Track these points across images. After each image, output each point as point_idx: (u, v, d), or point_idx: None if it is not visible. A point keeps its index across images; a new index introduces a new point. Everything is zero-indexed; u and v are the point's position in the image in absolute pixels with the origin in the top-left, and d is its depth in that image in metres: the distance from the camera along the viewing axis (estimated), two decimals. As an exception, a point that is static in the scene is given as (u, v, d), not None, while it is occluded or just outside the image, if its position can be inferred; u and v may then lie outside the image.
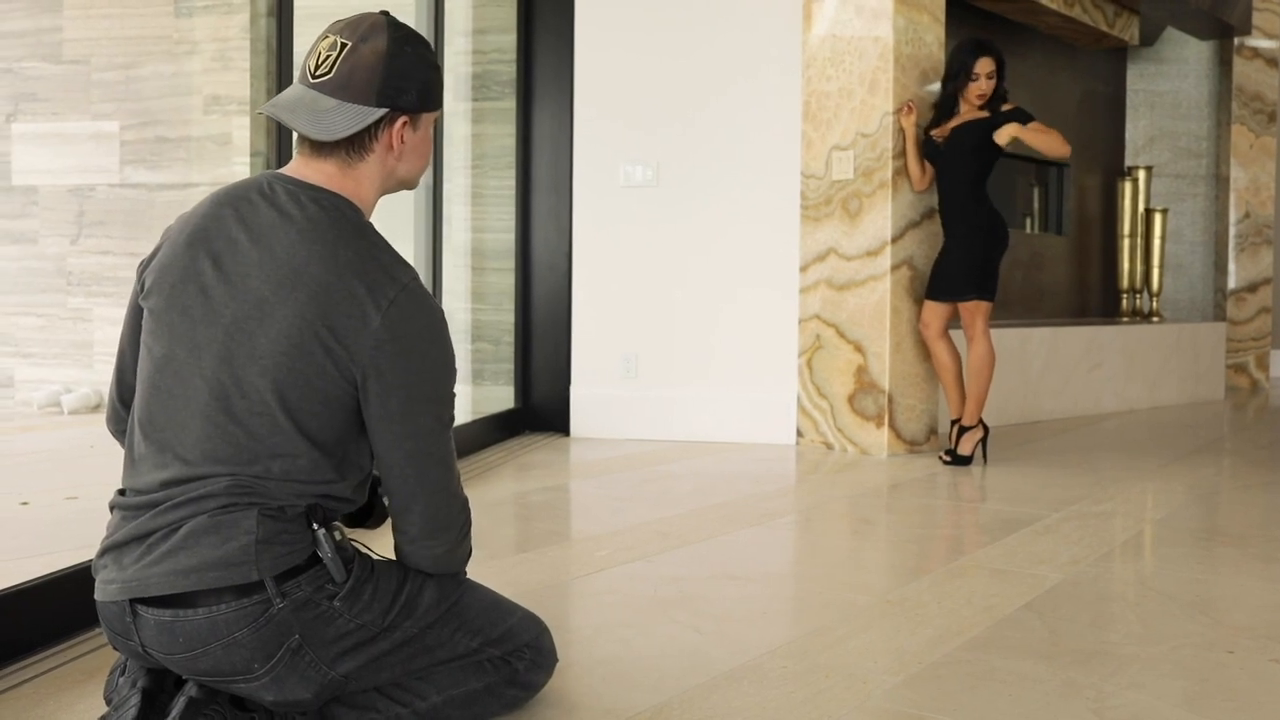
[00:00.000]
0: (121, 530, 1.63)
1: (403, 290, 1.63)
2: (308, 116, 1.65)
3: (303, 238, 1.63)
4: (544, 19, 5.31)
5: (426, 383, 1.66)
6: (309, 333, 1.60)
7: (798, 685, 2.07)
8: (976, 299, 4.55)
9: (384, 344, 1.61)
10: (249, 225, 1.65)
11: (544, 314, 5.34)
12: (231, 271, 1.63)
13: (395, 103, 1.68)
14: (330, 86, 1.65)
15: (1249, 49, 7.90)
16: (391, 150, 1.72)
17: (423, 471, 1.68)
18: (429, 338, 1.66)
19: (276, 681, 1.62)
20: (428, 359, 1.66)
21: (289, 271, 1.61)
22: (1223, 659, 2.25)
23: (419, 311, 1.65)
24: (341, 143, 1.67)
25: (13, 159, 5.44)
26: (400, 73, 1.67)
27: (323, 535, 1.63)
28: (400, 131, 1.71)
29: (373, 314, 1.60)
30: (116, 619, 1.63)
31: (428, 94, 1.73)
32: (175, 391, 1.64)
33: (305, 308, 1.60)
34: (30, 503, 3.53)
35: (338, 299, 1.60)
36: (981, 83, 4.55)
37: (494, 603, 1.86)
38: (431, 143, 1.81)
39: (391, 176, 1.76)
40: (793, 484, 4.26)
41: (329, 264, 1.61)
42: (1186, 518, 3.64)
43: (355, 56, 1.65)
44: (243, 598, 1.57)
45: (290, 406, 1.61)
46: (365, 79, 1.65)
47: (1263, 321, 8.07)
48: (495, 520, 3.64)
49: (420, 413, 1.66)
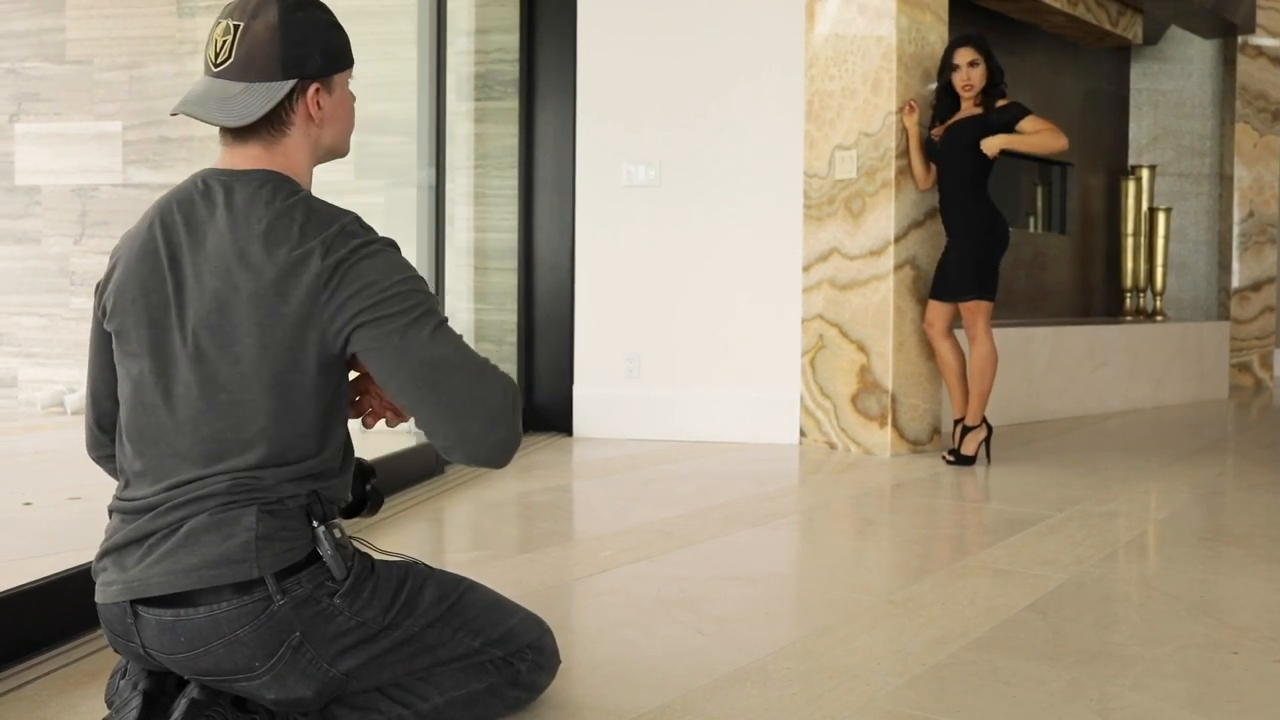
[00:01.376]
0: (121, 533, 1.63)
1: (339, 232, 1.60)
2: (218, 106, 1.62)
3: (241, 222, 1.61)
4: (546, 19, 5.31)
5: (389, 287, 1.59)
6: (266, 308, 1.58)
7: (801, 686, 2.07)
8: (976, 299, 4.55)
9: (333, 277, 1.57)
10: (191, 226, 1.64)
11: (546, 314, 5.34)
12: (186, 274, 1.62)
13: (302, 71, 1.65)
14: (233, 72, 1.63)
15: (1253, 47, 7.89)
16: (312, 120, 1.68)
17: (427, 359, 1.59)
18: (375, 253, 1.60)
19: (278, 680, 1.61)
20: (379, 271, 1.59)
21: (235, 258, 1.59)
22: (1227, 660, 2.24)
23: (359, 239, 1.61)
24: (259, 124, 1.64)
25: (16, 159, 5.45)
26: (298, 40, 1.64)
27: (322, 533, 1.63)
28: (315, 99, 1.67)
29: (314, 261, 1.57)
30: (117, 621, 1.63)
31: (332, 54, 1.69)
32: (159, 403, 1.63)
33: (257, 285, 1.58)
34: (33, 503, 3.53)
35: (282, 265, 1.58)
36: (963, 73, 4.55)
37: (495, 603, 1.85)
38: (351, 103, 1.76)
39: (319, 146, 1.72)
40: (796, 484, 4.26)
41: (268, 238, 1.59)
42: (1190, 518, 3.63)
43: (250, 35, 1.62)
44: (243, 595, 1.57)
45: (269, 385, 1.59)
46: (265, 55, 1.62)
47: (1266, 320, 8.06)
48: (498, 520, 3.63)
49: (396, 313, 1.58)
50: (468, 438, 1.61)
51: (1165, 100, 7.94)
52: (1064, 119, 7.03)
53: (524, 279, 5.35)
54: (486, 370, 1.63)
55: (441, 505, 3.75)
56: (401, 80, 4.50)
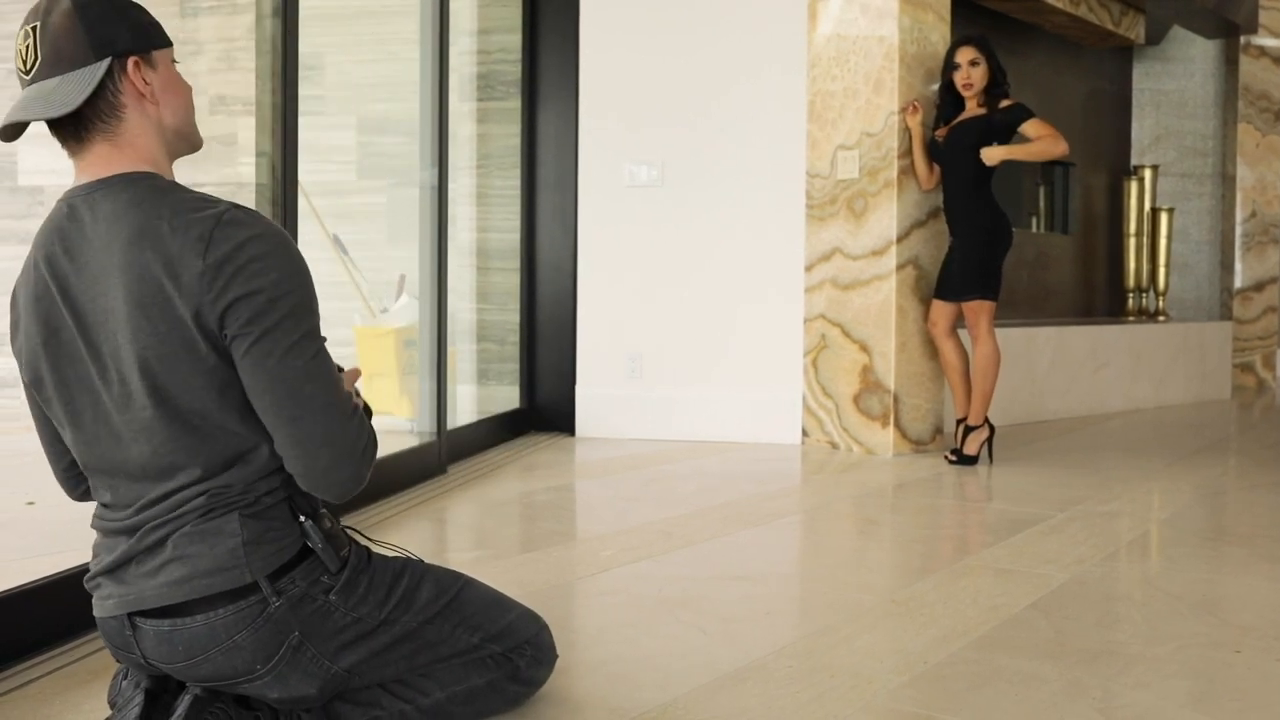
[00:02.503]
0: (109, 556, 1.62)
1: (217, 224, 1.52)
2: (39, 105, 1.56)
3: (112, 234, 1.55)
4: (549, 19, 5.31)
5: (275, 298, 1.53)
6: (153, 315, 1.52)
7: (803, 685, 2.07)
8: (978, 299, 4.55)
9: (216, 279, 1.50)
10: (71, 253, 1.58)
11: (549, 314, 5.34)
12: (80, 303, 1.57)
13: (114, 48, 1.57)
14: (45, 70, 1.56)
15: (1255, 48, 7.88)
16: (144, 97, 1.61)
17: (294, 390, 1.55)
18: (262, 253, 1.53)
19: (280, 680, 1.62)
20: (264, 275, 1.53)
21: (119, 270, 1.54)
22: (1229, 659, 2.24)
23: (239, 235, 1.52)
24: (91, 115, 1.56)
25: (19, 159, 5.45)
26: (100, 19, 1.57)
27: (310, 526, 1.63)
28: (138, 74, 1.59)
29: (195, 262, 1.50)
30: (116, 633, 1.64)
31: (141, 29, 1.61)
32: (99, 434, 1.61)
33: (139, 292, 1.52)
34: (36, 503, 3.53)
35: (160, 268, 1.51)
36: (964, 71, 4.55)
37: (492, 599, 1.86)
38: (182, 83, 1.67)
39: (163, 128, 1.63)
40: (798, 484, 4.26)
41: (140, 242, 1.53)
42: (1193, 517, 3.63)
43: (49, 31, 1.56)
44: (238, 600, 1.58)
45: (182, 393, 1.55)
46: (71, 42, 1.56)
47: (1269, 321, 8.05)
48: (500, 520, 3.64)
49: (275, 329, 1.53)
50: (313, 471, 1.59)
51: (1167, 100, 7.94)
52: (1066, 119, 7.03)
53: (526, 279, 5.35)
54: (347, 412, 1.61)
55: (443, 505, 3.75)
56: (403, 80, 4.50)
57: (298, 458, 1.59)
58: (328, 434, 1.58)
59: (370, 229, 4.96)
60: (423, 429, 4.32)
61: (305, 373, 1.56)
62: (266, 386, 1.55)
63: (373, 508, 3.60)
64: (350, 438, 1.61)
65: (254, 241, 1.54)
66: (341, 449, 1.60)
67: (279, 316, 1.54)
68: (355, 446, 1.62)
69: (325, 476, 1.60)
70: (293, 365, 1.55)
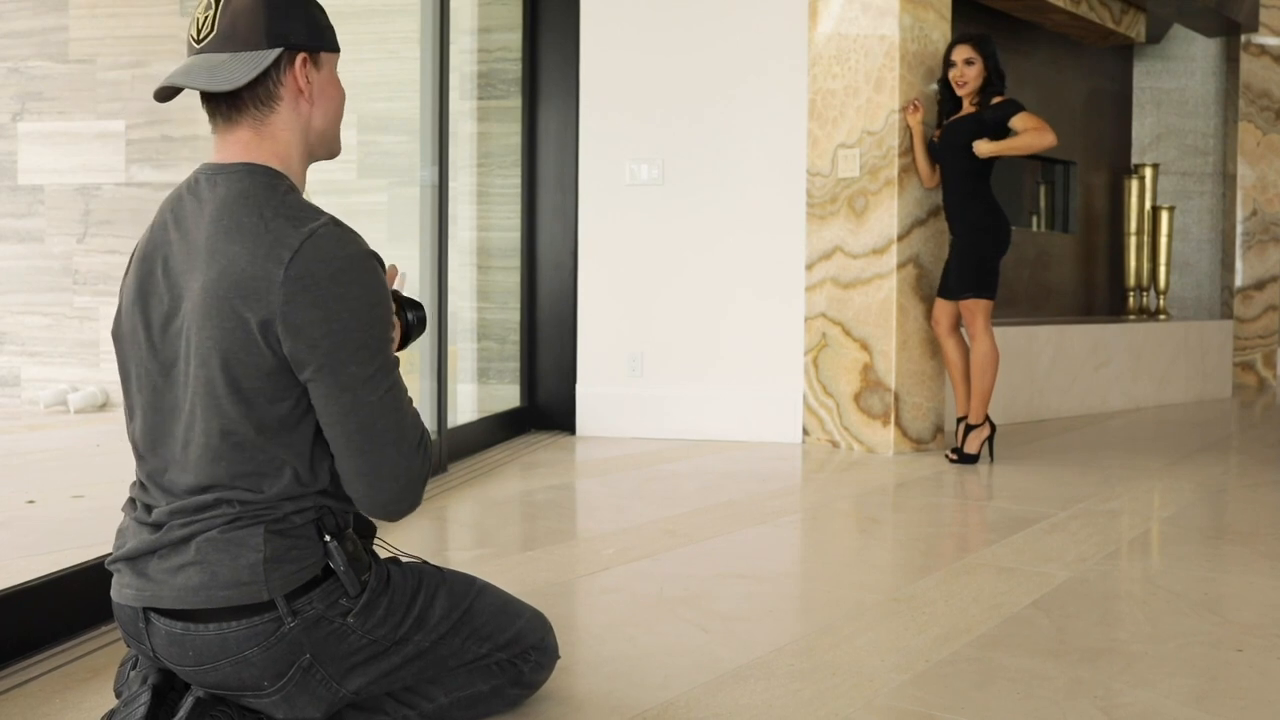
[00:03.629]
0: (132, 543, 1.61)
1: (309, 237, 1.53)
2: (204, 75, 1.58)
3: (214, 217, 1.56)
4: (549, 17, 5.31)
5: (350, 329, 1.53)
6: (226, 309, 1.52)
7: (804, 683, 2.07)
8: (975, 297, 4.55)
9: (294, 297, 1.50)
10: (180, 224, 1.60)
11: (549, 312, 5.34)
12: (175, 275, 1.59)
13: (287, 40, 1.60)
14: (217, 43, 1.59)
15: (1256, 46, 7.88)
16: (301, 94, 1.63)
17: (366, 424, 1.56)
18: (342, 280, 1.53)
19: (287, 700, 1.61)
20: (344, 302, 1.52)
21: (206, 255, 1.55)
22: (1231, 657, 2.24)
23: (327, 256, 1.53)
24: (248, 98, 1.60)
25: (19, 158, 5.45)
26: (282, 9, 1.60)
27: (334, 547, 1.61)
28: (303, 71, 1.62)
29: (275, 270, 1.50)
30: (130, 623, 1.63)
31: (317, 28, 1.65)
32: (160, 408, 1.61)
33: (218, 284, 1.53)
34: (36, 501, 3.54)
35: (243, 265, 1.52)
36: (960, 69, 4.56)
37: (503, 606, 1.84)
38: (341, 88, 1.71)
39: (310, 129, 1.66)
40: (799, 482, 4.26)
41: (233, 234, 1.54)
42: (1194, 516, 3.63)
43: (232, 7, 1.59)
44: (253, 616, 1.56)
45: (236, 391, 1.54)
46: (248, 24, 1.58)
47: (1270, 319, 8.05)
48: (501, 518, 3.63)
49: (350, 362, 1.54)
50: (374, 501, 1.62)
51: (1168, 99, 7.94)
52: (1067, 118, 7.03)
53: (527, 277, 5.35)
54: (415, 445, 1.62)
55: (445, 504, 3.75)
56: (404, 79, 4.49)
57: (362, 488, 1.61)
58: (394, 468, 1.60)
59: (371, 228, 4.96)
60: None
61: (380, 408, 1.57)
62: (338, 417, 1.56)
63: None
64: (415, 470, 1.63)
65: (341, 263, 1.54)
66: (406, 482, 1.62)
67: (353, 347, 1.54)
68: (419, 478, 1.64)
69: (386, 507, 1.63)
70: (367, 400, 1.56)
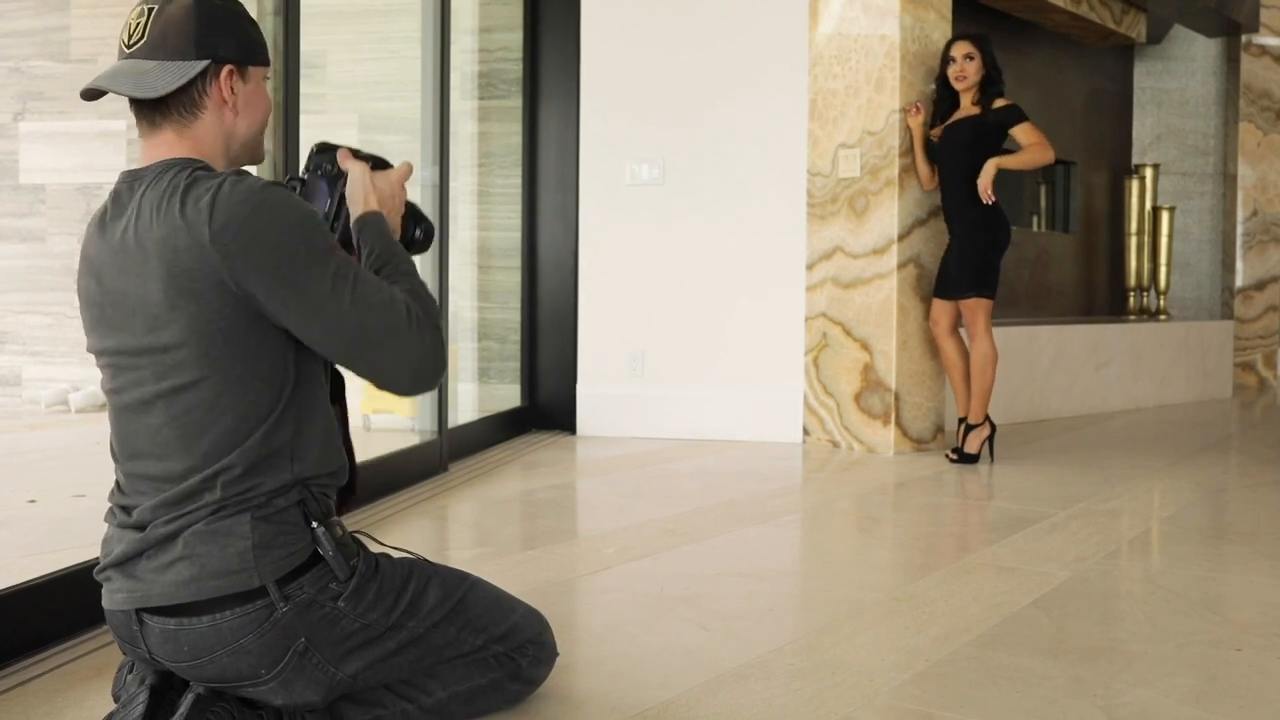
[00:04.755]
0: (119, 548, 1.62)
1: (215, 193, 1.55)
2: (130, 81, 1.61)
3: (140, 216, 1.59)
4: (550, 17, 5.31)
5: (290, 252, 1.56)
6: (177, 292, 1.55)
7: (804, 682, 2.07)
8: (975, 297, 4.55)
9: (227, 250, 1.53)
10: (107, 234, 1.63)
11: (550, 312, 5.34)
12: (108, 279, 1.61)
13: (215, 53, 1.63)
14: (146, 50, 1.62)
15: (1256, 46, 7.88)
16: (226, 104, 1.66)
17: (357, 329, 1.59)
18: (261, 213, 1.55)
19: (284, 685, 1.62)
20: (272, 231, 1.55)
21: (152, 250, 1.57)
22: (1230, 656, 2.24)
23: (236, 198, 1.55)
24: (172, 104, 1.63)
25: (20, 158, 5.45)
26: (213, 23, 1.64)
27: (322, 533, 1.63)
28: (229, 82, 1.65)
29: (202, 231, 1.53)
30: (123, 626, 1.64)
31: (247, 44, 1.68)
32: (125, 411, 1.64)
33: (163, 271, 1.55)
34: (38, 500, 3.54)
35: (178, 243, 1.54)
36: (958, 65, 4.56)
37: (497, 600, 1.85)
38: (267, 100, 1.74)
39: (233, 137, 1.69)
40: (799, 482, 4.26)
41: (160, 221, 1.56)
42: (1194, 516, 3.63)
43: (164, 16, 1.62)
44: (246, 604, 1.57)
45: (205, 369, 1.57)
46: (179, 34, 1.62)
47: (1270, 319, 8.05)
48: (502, 518, 3.64)
49: (307, 283, 1.56)
50: (402, 388, 1.68)
51: (1169, 99, 7.94)
52: (1067, 118, 7.04)
53: (528, 277, 5.35)
54: (408, 323, 1.63)
55: (444, 503, 3.75)
56: (405, 79, 4.50)
57: (387, 383, 1.66)
58: (402, 355, 1.63)
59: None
60: (424, 427, 4.33)
61: (355, 311, 1.60)
62: (324, 336, 1.60)
63: (374, 506, 3.61)
64: (425, 346, 1.65)
65: (251, 201, 1.56)
66: (419, 360, 1.65)
67: (301, 266, 1.56)
68: (430, 348, 1.66)
69: (413, 387, 1.67)
70: (339, 310, 1.59)
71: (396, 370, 1.64)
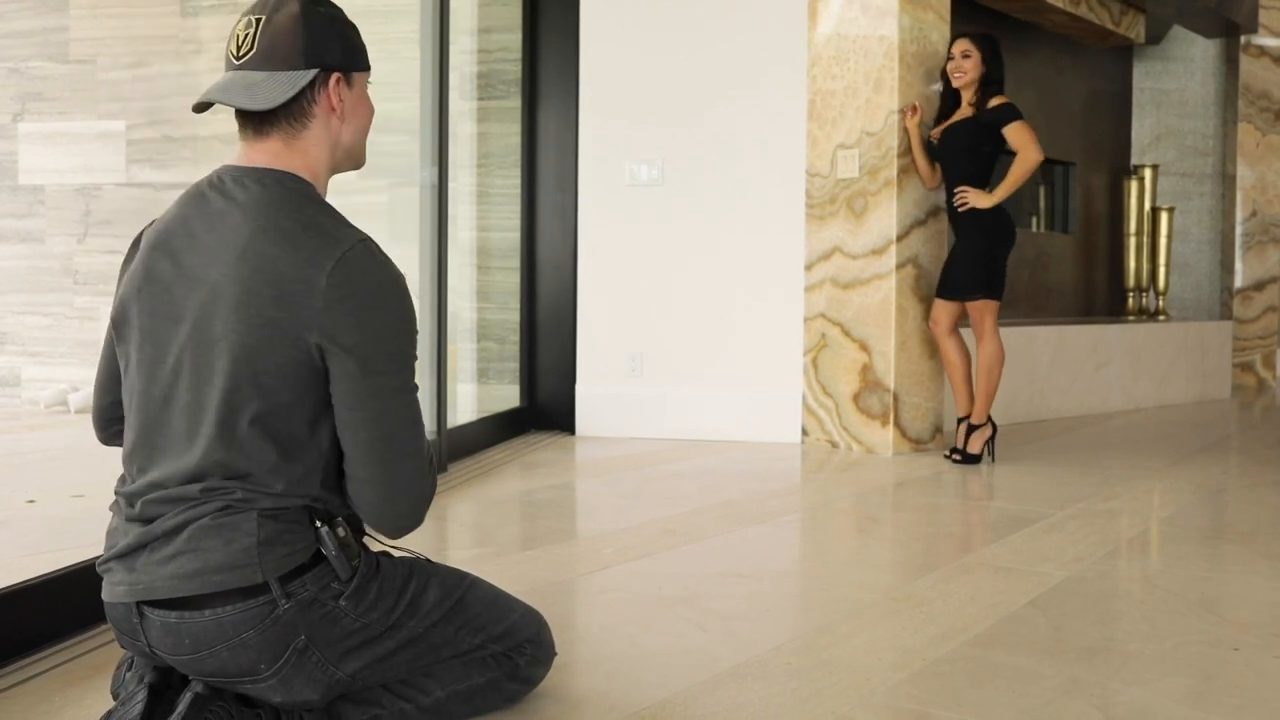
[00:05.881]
0: (124, 540, 1.63)
1: (350, 249, 1.59)
2: (243, 92, 1.63)
3: (246, 216, 1.61)
4: (549, 18, 5.31)
5: (384, 339, 1.60)
6: (256, 306, 1.57)
7: (802, 682, 2.07)
8: (984, 298, 4.55)
9: (333, 304, 1.56)
10: (203, 218, 1.64)
11: (549, 313, 5.35)
12: (189, 266, 1.62)
13: (323, 61, 1.66)
14: (256, 61, 1.64)
15: (1255, 47, 7.89)
16: (334, 112, 1.69)
17: (389, 433, 1.62)
18: (382, 295, 1.61)
19: (284, 683, 1.62)
20: (382, 315, 1.60)
21: (236, 251, 1.59)
22: (1227, 656, 2.24)
23: (368, 270, 1.60)
24: (282, 114, 1.65)
25: (19, 158, 5.46)
26: (320, 31, 1.66)
27: (325, 533, 1.63)
28: (336, 90, 1.68)
29: (317, 276, 1.56)
30: (124, 619, 1.64)
31: (352, 50, 1.71)
32: (155, 395, 1.64)
33: (251, 281, 1.57)
34: (37, 501, 3.55)
35: (282, 268, 1.57)
36: (957, 62, 4.57)
37: (495, 599, 1.86)
38: (371, 105, 1.77)
39: (338, 144, 1.72)
40: (798, 482, 4.26)
41: (272, 235, 1.59)
42: (1193, 516, 3.64)
43: (272, 27, 1.64)
44: (248, 599, 1.58)
45: (249, 384, 1.58)
46: (288, 44, 1.63)
47: (1269, 320, 8.06)
48: (501, 518, 3.64)
49: (380, 371, 1.60)
50: (384, 512, 1.67)
51: (1168, 100, 7.94)
52: (1066, 119, 7.04)
53: (527, 278, 5.36)
54: (427, 463, 1.69)
55: (444, 503, 3.76)
56: (404, 79, 4.50)
57: (375, 497, 1.65)
58: (409, 481, 1.65)
59: (371, 228, 4.96)
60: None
61: (402, 420, 1.63)
62: (363, 423, 1.61)
63: (373, 506, 3.60)
64: (426, 489, 1.69)
65: (381, 276, 1.61)
66: (417, 496, 1.68)
67: (384, 358, 1.60)
68: (426, 498, 1.70)
69: (396, 520, 1.68)
70: (391, 410, 1.62)
71: (400, 489, 1.65)
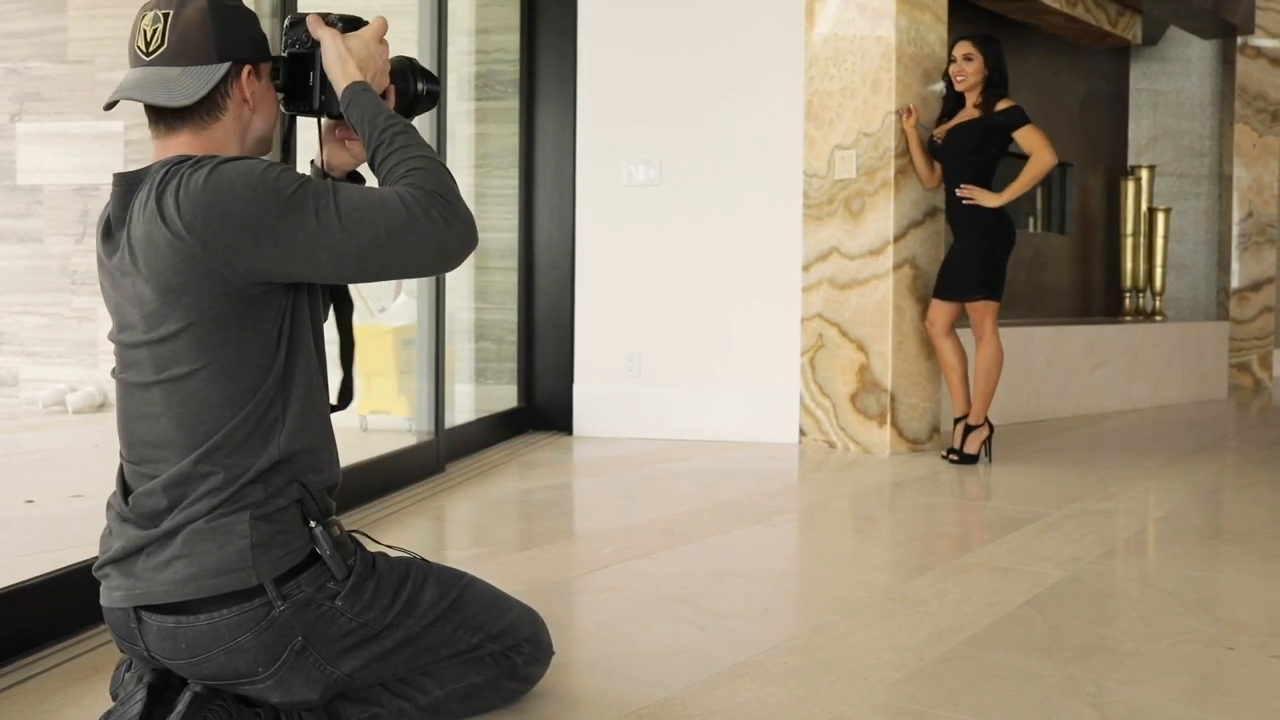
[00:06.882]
0: (119, 544, 1.64)
1: (182, 184, 1.56)
2: (160, 89, 1.62)
3: (132, 217, 1.60)
4: (547, 18, 5.32)
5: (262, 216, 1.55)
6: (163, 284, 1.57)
7: (799, 681, 2.08)
8: (984, 299, 4.55)
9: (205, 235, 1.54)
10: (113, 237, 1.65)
11: (547, 313, 5.35)
12: (117, 274, 1.64)
13: (235, 54, 1.66)
14: (168, 57, 1.63)
15: (1252, 48, 7.90)
16: (246, 103, 1.69)
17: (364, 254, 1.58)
18: (217, 192, 1.55)
19: (281, 684, 1.63)
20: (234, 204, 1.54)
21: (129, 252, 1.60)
22: (1222, 655, 2.25)
23: (196, 184, 1.56)
24: (194, 109, 1.65)
25: (17, 158, 5.46)
26: (229, 25, 1.66)
27: (320, 532, 1.64)
28: (249, 82, 1.69)
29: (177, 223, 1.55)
30: (121, 624, 1.65)
31: (260, 41, 1.71)
32: (129, 399, 1.67)
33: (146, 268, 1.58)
34: (35, 501, 3.55)
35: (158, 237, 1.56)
36: (959, 65, 4.57)
37: (493, 598, 1.86)
38: (275, 96, 1.77)
39: (249, 132, 1.72)
40: (795, 482, 4.27)
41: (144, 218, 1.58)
42: (1189, 516, 3.65)
43: (181, 22, 1.63)
44: (244, 602, 1.58)
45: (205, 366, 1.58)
46: (200, 39, 1.63)
47: (1265, 321, 8.07)
48: (499, 518, 3.65)
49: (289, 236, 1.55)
50: (429, 272, 1.70)
51: (1164, 101, 7.95)
52: (1063, 119, 7.05)
53: (524, 278, 5.36)
54: (409, 215, 1.59)
55: (442, 503, 3.76)
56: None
57: (419, 275, 1.69)
58: (414, 248, 1.60)
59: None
60: (421, 428, 4.33)
61: (348, 234, 1.57)
62: (336, 272, 1.60)
63: (371, 506, 3.61)
64: (435, 224, 1.60)
65: (208, 182, 1.55)
66: (435, 243, 1.61)
67: (279, 224, 1.55)
68: (442, 227, 1.61)
69: (446, 265, 1.67)
70: (336, 242, 1.57)
71: (422, 260, 1.63)
